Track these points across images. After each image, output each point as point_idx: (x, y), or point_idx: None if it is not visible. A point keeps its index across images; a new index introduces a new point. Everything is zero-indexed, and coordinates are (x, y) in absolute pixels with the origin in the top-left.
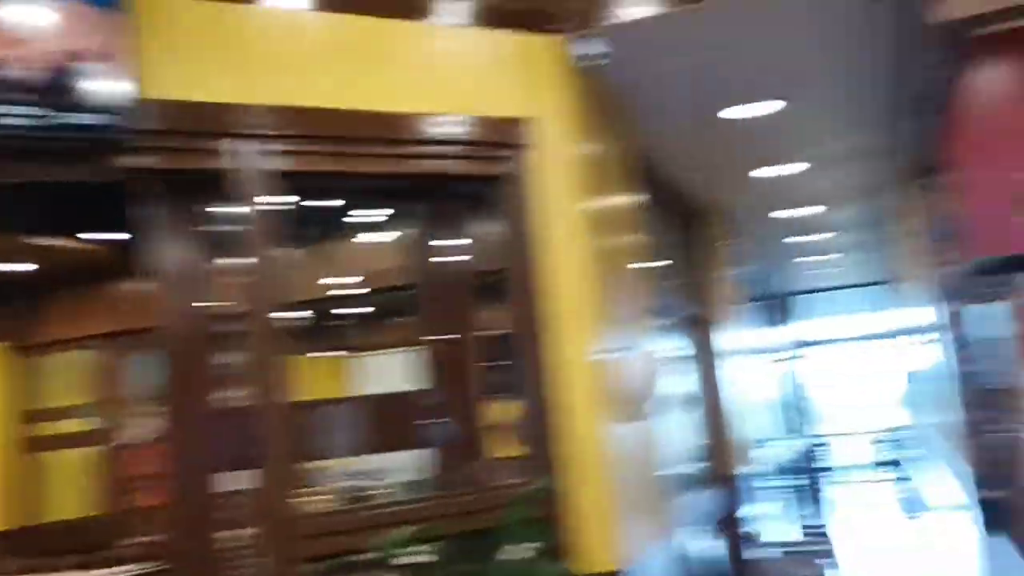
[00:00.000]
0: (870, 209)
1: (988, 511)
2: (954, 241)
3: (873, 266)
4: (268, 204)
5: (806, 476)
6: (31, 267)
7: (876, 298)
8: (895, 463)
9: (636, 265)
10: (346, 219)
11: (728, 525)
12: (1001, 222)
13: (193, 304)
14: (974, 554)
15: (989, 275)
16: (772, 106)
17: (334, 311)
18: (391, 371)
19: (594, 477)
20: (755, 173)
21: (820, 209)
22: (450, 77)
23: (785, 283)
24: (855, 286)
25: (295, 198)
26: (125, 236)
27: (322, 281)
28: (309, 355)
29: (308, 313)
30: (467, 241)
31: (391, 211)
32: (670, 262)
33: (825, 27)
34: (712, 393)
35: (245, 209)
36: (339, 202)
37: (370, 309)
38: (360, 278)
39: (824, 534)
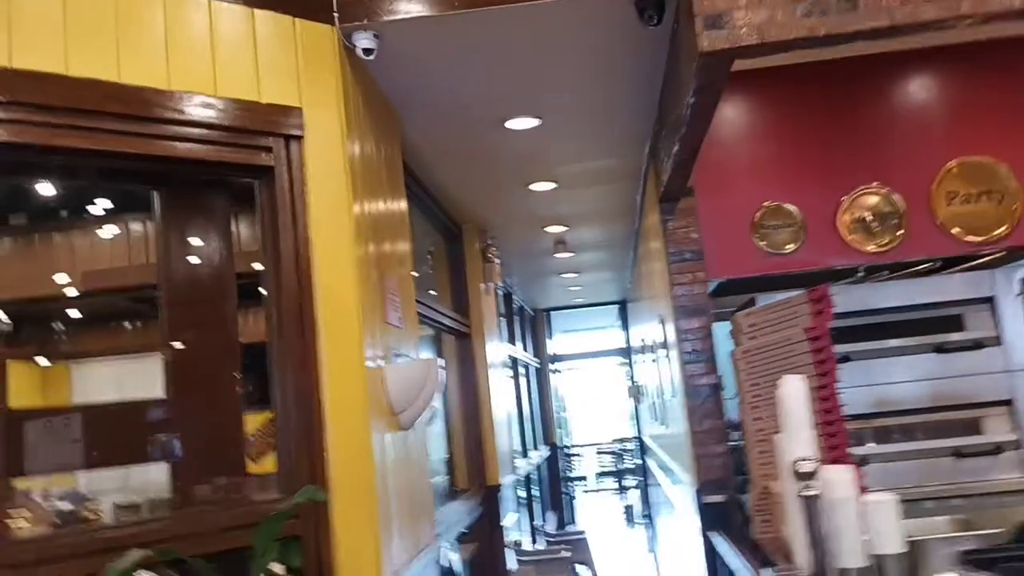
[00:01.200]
0: (614, 232)
1: (708, 513)
2: (694, 263)
3: (616, 286)
4: None
5: (556, 485)
6: None
7: (616, 317)
8: (623, 473)
9: (405, 273)
10: (78, 207)
11: (490, 534)
12: (739, 246)
13: None
14: (699, 549)
15: (735, 292)
16: (528, 123)
17: (63, 311)
18: (127, 379)
19: (360, 490)
20: (514, 188)
21: (565, 229)
22: (211, 55)
23: (539, 299)
24: (600, 304)
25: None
26: None
27: (48, 276)
28: (22, 360)
29: (32, 312)
30: (222, 240)
31: (133, 200)
32: (432, 272)
33: (589, 44)
34: (474, 404)
35: None
36: (72, 184)
37: (104, 310)
38: (93, 273)
39: (577, 541)
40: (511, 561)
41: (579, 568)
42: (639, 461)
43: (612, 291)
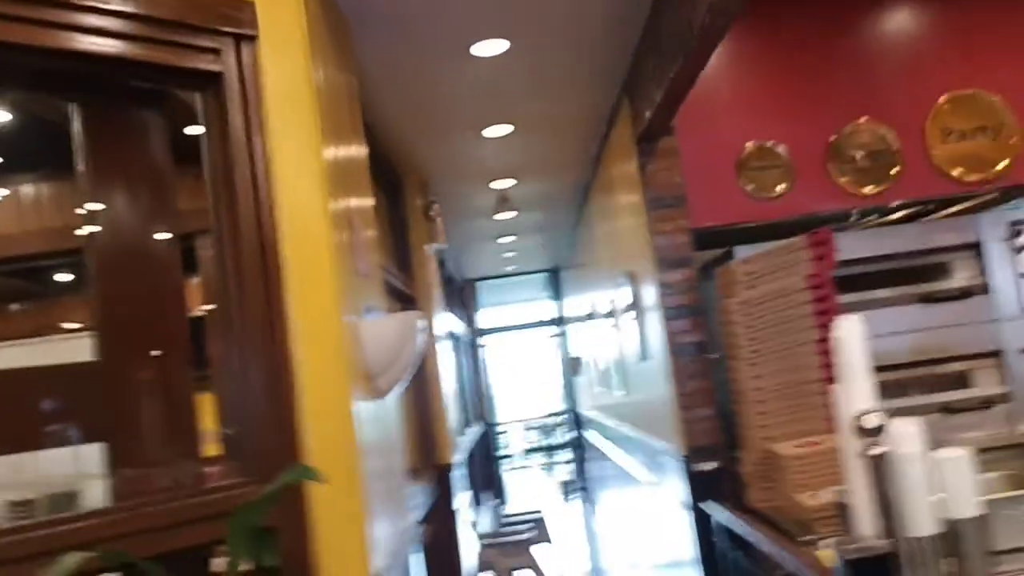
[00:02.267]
0: (561, 188)
1: (698, 482)
2: (676, 209)
3: (549, 252)
4: None
5: (489, 464)
6: None
7: (545, 287)
8: (552, 449)
9: (367, 228)
10: None
11: (445, 517)
12: (724, 190)
13: None
14: (685, 521)
15: (707, 246)
16: (496, 46)
17: None
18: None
19: (342, 469)
20: (466, 132)
21: (513, 183)
22: None
23: (469, 268)
24: (532, 272)
25: None
26: None
27: None
28: None
29: None
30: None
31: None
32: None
33: None
34: (423, 378)
35: None
36: None
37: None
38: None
39: (534, 520)
40: (472, 544)
41: (538, 547)
42: (572, 435)
43: (545, 258)
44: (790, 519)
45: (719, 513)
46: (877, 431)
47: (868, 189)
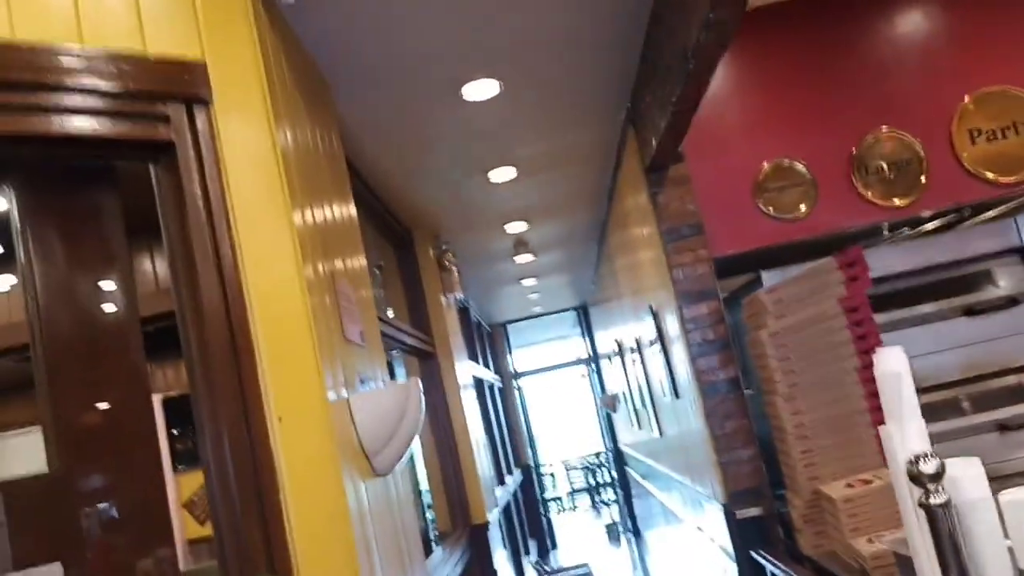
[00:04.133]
0: (577, 225)
1: (743, 531)
2: (693, 239)
3: (575, 289)
4: None
5: (533, 510)
6: None
7: (574, 324)
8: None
9: (359, 282)
10: None
11: None
12: (743, 214)
13: None
14: (728, 571)
15: (733, 273)
16: (486, 88)
17: None
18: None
19: (336, 562)
20: (471, 178)
21: (526, 227)
22: None
23: (496, 312)
24: (559, 311)
25: None
26: None
27: None
28: None
29: None
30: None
31: None
32: (383, 289)
33: None
34: (448, 433)
35: None
36: None
37: None
38: None
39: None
40: None
41: None
42: (615, 474)
43: (571, 296)
44: (848, 567)
45: (771, 564)
46: (936, 477)
47: (897, 200)
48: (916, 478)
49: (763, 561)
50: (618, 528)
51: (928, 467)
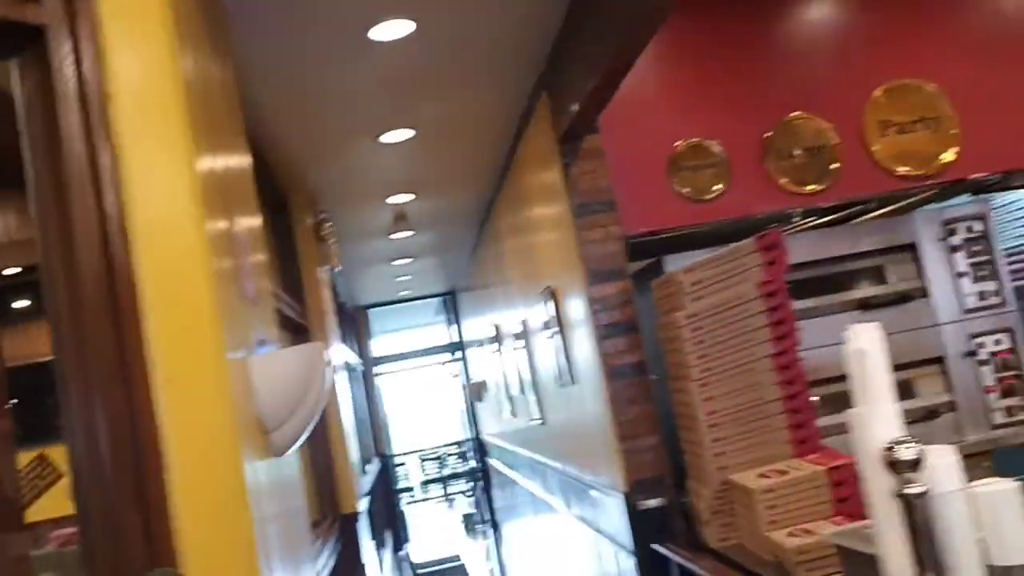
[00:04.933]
0: (463, 203)
1: (643, 521)
2: (605, 215)
3: (444, 275)
4: None
5: (389, 500)
6: None
7: (438, 312)
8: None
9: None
10: None
11: (354, 571)
12: (656, 192)
13: None
14: (630, 567)
15: (635, 256)
16: (400, 28)
17: None
18: None
19: (234, 557)
20: (362, 138)
21: (411, 198)
22: None
23: (361, 293)
24: (428, 296)
25: None
26: None
27: None
28: None
29: None
30: None
31: None
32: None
33: None
34: (321, 417)
35: None
36: None
37: None
38: None
39: (452, 569)
40: None
41: None
42: (473, 464)
43: (441, 280)
44: (759, 561)
45: (677, 557)
46: (915, 465)
47: (809, 188)
48: (893, 465)
49: (668, 554)
50: (475, 519)
51: (906, 454)
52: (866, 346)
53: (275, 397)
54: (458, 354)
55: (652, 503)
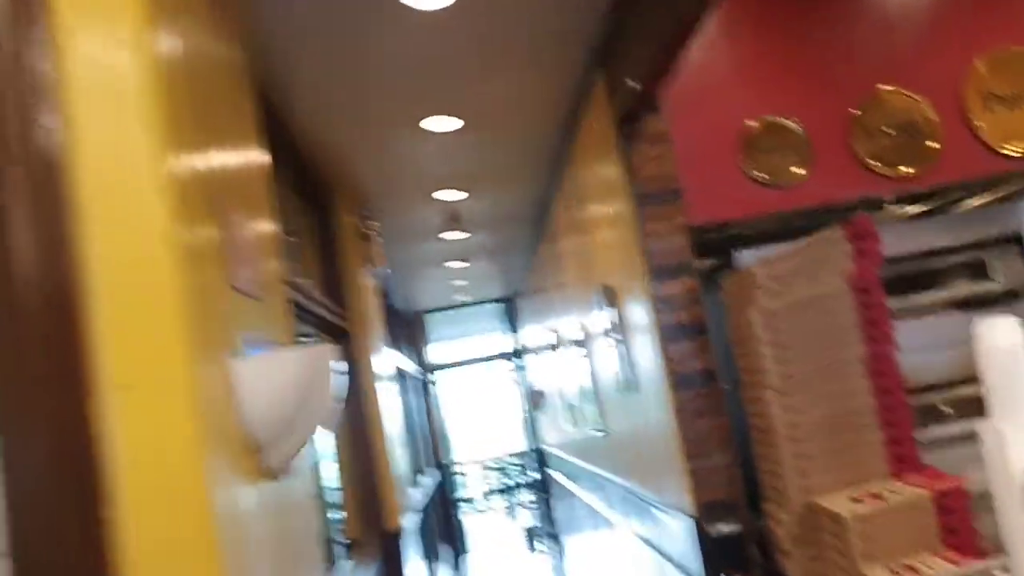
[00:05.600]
0: (520, 199)
1: (715, 550)
2: (670, 205)
3: (503, 280)
4: None
5: (448, 512)
6: None
7: (498, 318)
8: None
9: (258, 219)
10: None
11: None
12: (726, 178)
13: None
14: None
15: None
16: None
17: None
18: None
19: None
20: (404, 124)
21: (463, 196)
22: None
23: (416, 298)
24: (485, 302)
25: None
26: None
27: None
28: None
29: None
30: None
31: None
32: (297, 259)
33: None
34: (362, 427)
35: None
36: None
37: None
38: None
39: None
40: None
41: None
42: (535, 475)
43: (500, 285)
44: None
45: None
46: None
47: (902, 170)
48: None
49: None
50: (536, 532)
51: None
52: (1004, 343)
53: (270, 406)
54: (518, 362)
55: (725, 529)
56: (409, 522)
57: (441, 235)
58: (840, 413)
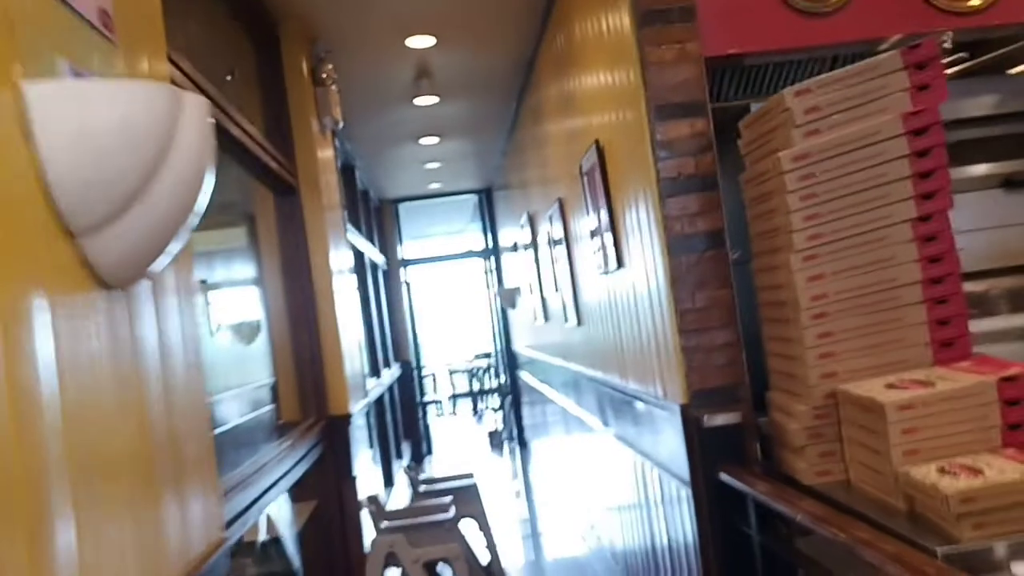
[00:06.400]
0: (497, 65)
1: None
2: (682, 27)
3: (479, 169)
4: None
5: (411, 411)
6: None
7: (473, 216)
8: (481, 395)
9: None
10: None
11: (337, 484)
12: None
13: None
14: (683, 501)
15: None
16: None
17: None
18: None
19: None
20: None
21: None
22: None
23: (387, 184)
24: (460, 192)
25: None
26: None
27: None
28: None
29: None
30: None
31: None
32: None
33: None
34: (307, 300)
35: None
36: None
37: None
38: None
39: (462, 489)
40: (366, 527)
41: (464, 523)
42: (504, 379)
43: (473, 175)
44: (890, 508)
45: (763, 497)
46: None
47: (968, 3)
48: None
49: (742, 488)
50: (502, 436)
51: None
52: None
53: (89, 164)
54: (492, 263)
55: (721, 419)
56: (360, 411)
57: (414, 100)
58: (877, 286)
